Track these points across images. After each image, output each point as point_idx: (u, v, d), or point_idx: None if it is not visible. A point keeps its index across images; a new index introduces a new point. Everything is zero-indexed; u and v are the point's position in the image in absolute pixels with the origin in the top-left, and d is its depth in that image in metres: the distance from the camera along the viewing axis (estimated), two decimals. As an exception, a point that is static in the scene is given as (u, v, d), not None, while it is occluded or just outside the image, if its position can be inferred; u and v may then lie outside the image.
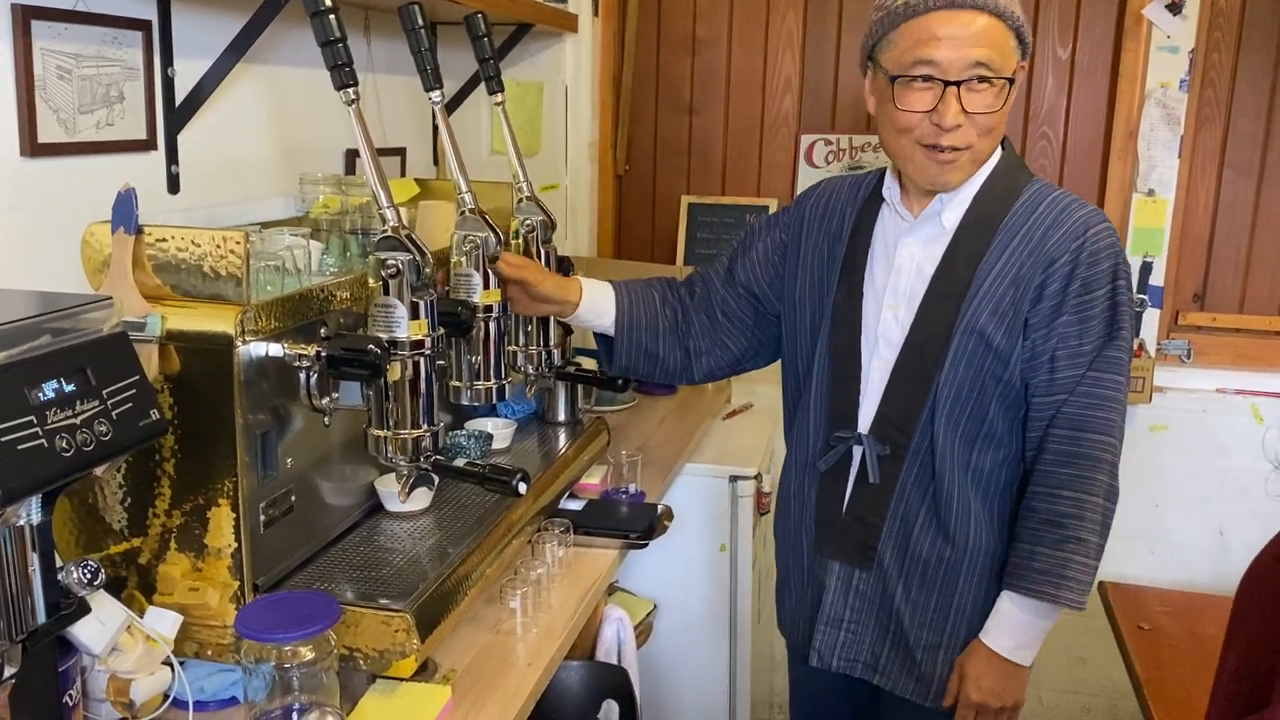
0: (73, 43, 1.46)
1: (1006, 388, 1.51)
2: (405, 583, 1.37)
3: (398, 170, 2.36)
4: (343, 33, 1.31)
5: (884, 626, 1.59)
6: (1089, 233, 1.48)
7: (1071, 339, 1.48)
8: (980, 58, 1.43)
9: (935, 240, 1.55)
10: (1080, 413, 1.48)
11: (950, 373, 1.51)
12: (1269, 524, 2.75)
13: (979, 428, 1.53)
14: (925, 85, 1.45)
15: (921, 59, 1.44)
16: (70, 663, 1.13)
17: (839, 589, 1.61)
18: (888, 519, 1.56)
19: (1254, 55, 2.67)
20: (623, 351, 1.76)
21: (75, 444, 0.94)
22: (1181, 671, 1.96)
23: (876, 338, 1.57)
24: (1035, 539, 1.49)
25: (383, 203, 1.34)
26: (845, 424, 1.59)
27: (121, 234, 1.24)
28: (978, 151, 1.50)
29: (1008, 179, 1.55)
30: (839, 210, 1.67)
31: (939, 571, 1.56)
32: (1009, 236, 1.51)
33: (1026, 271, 1.49)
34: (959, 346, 1.51)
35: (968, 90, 1.44)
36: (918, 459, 1.54)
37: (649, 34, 3.06)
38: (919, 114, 1.46)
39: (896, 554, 1.56)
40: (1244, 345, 2.79)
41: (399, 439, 1.38)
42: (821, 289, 1.65)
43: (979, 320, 1.50)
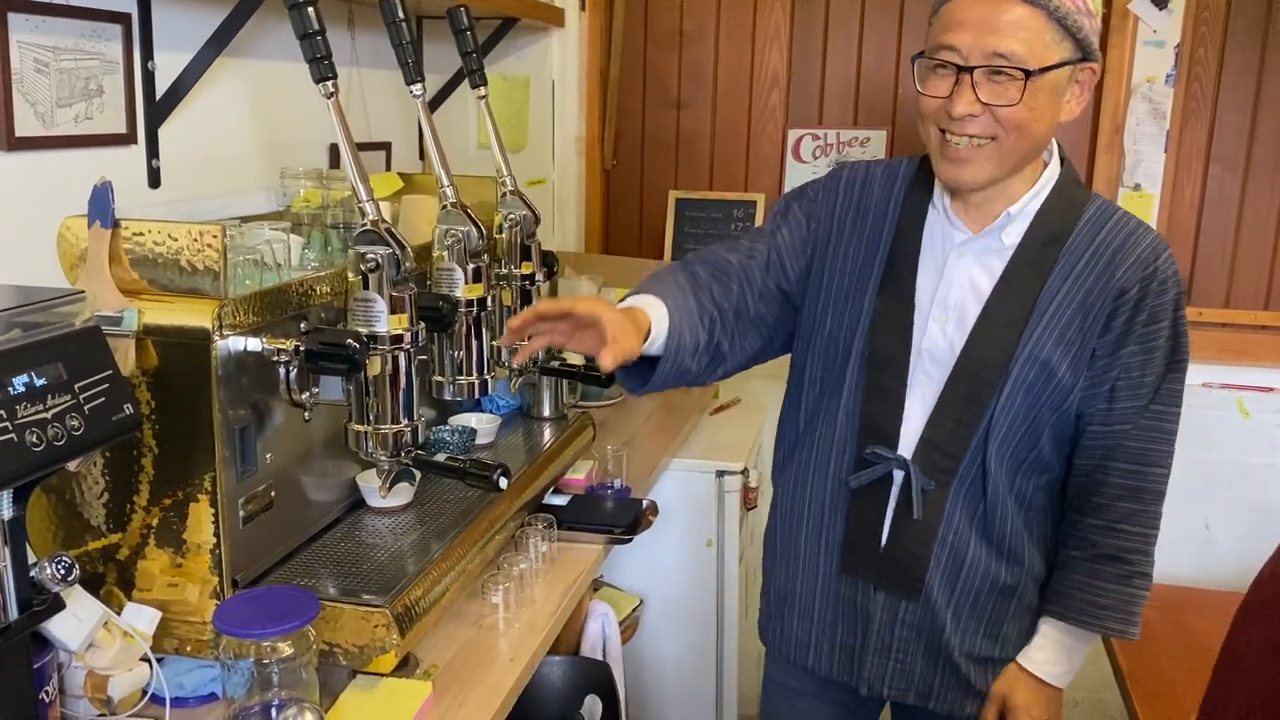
0: (50, 35, 1.45)
1: (1062, 417, 1.44)
2: (386, 578, 1.37)
3: (383, 165, 2.35)
4: (321, 25, 1.30)
5: (933, 655, 1.52)
6: (1158, 261, 1.42)
7: (1135, 370, 1.42)
8: (1001, 48, 1.32)
9: (993, 254, 1.45)
10: (1144, 446, 1.43)
11: (1008, 401, 1.42)
12: (1254, 518, 2.76)
13: (1027, 454, 1.45)
14: (944, 71, 1.37)
15: (944, 43, 1.36)
16: (46, 659, 1.12)
17: (884, 620, 1.52)
18: (935, 549, 1.47)
19: (1239, 50, 2.67)
20: (663, 377, 1.46)
21: (46, 438, 0.93)
22: (1165, 664, 1.96)
23: (921, 352, 1.47)
24: (1096, 573, 1.45)
25: (362, 196, 1.33)
26: (882, 440, 1.48)
27: (98, 228, 1.24)
28: (1006, 149, 1.37)
29: (1070, 196, 1.46)
30: (875, 203, 1.55)
31: (990, 599, 1.50)
32: (1073, 260, 1.42)
33: (1095, 300, 1.41)
34: (1019, 375, 1.42)
35: (986, 80, 1.34)
36: (964, 486, 1.46)
37: (636, 28, 3.06)
38: (937, 100, 1.38)
39: (946, 584, 1.48)
40: (1230, 340, 2.79)
41: (379, 434, 1.37)
42: (859, 290, 1.52)
43: (1043, 349, 1.41)
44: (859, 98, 2.97)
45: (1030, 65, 1.33)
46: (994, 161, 1.38)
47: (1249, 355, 2.77)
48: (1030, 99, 1.34)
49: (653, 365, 1.43)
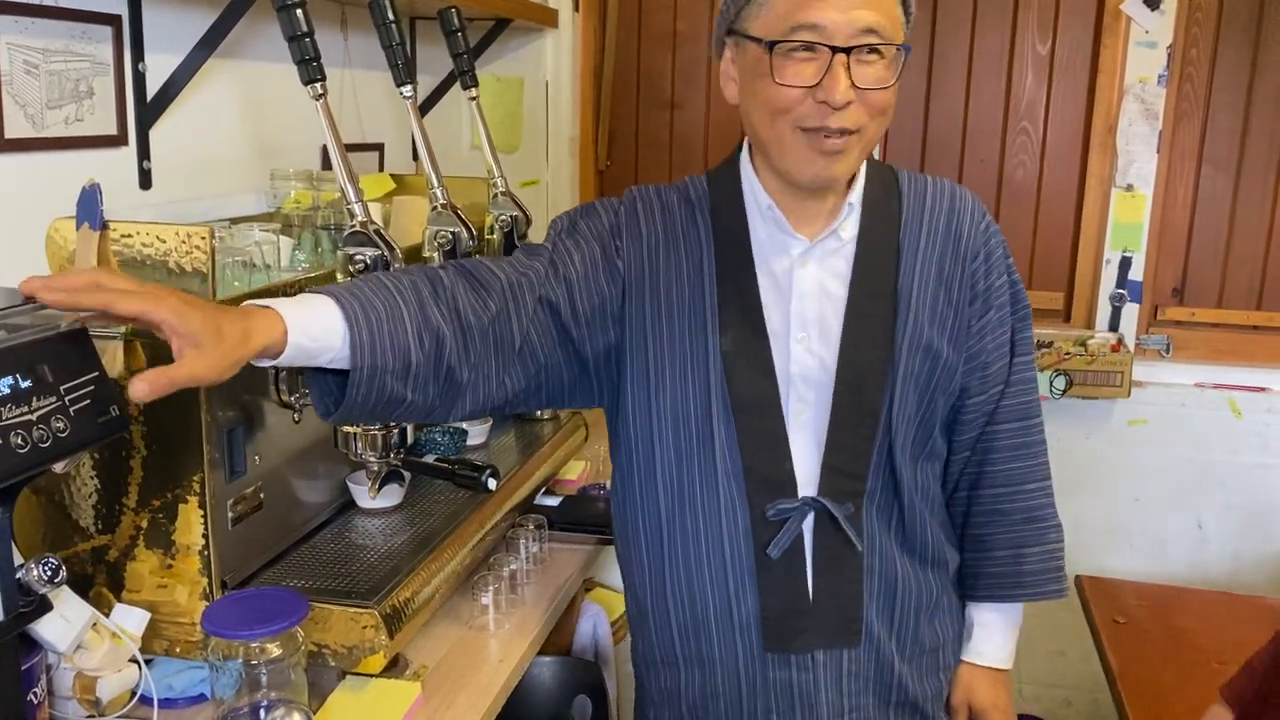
0: (40, 37, 1.45)
1: (949, 398, 1.36)
2: (375, 579, 1.37)
3: (376, 166, 2.36)
4: (310, 27, 1.31)
5: (885, 699, 1.37)
6: (987, 216, 1.37)
7: (996, 330, 1.36)
8: (870, 22, 1.18)
9: (834, 254, 1.32)
10: (1019, 402, 1.38)
11: (901, 398, 1.31)
12: (1246, 517, 2.77)
13: (924, 449, 1.36)
14: (808, 55, 1.18)
15: (802, 22, 1.18)
16: (35, 660, 1.12)
17: (830, 681, 1.34)
18: (864, 579, 1.33)
19: (1232, 50, 2.68)
20: (358, 402, 1.10)
21: (31, 440, 0.94)
22: (1155, 664, 1.97)
23: (791, 379, 1.31)
24: (1016, 541, 1.40)
25: (351, 198, 1.34)
26: (778, 493, 1.30)
27: (86, 229, 1.24)
28: (869, 137, 1.24)
29: (879, 172, 1.36)
30: (684, 233, 1.34)
31: (924, 612, 1.39)
32: (914, 236, 1.33)
33: (949, 269, 1.33)
34: (906, 367, 1.31)
35: (857, 61, 1.18)
36: (874, 502, 1.33)
37: (630, 29, 3.06)
38: (800, 89, 1.19)
39: (884, 615, 1.35)
40: (1222, 339, 2.80)
41: (369, 435, 1.38)
42: (696, 335, 1.31)
43: (921, 333, 1.31)
44: (852, 98, 2.97)
45: (897, 39, 1.21)
46: (857, 153, 1.25)
47: (1241, 355, 2.77)
48: (896, 77, 1.21)
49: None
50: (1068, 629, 2.77)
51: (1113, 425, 2.80)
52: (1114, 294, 2.77)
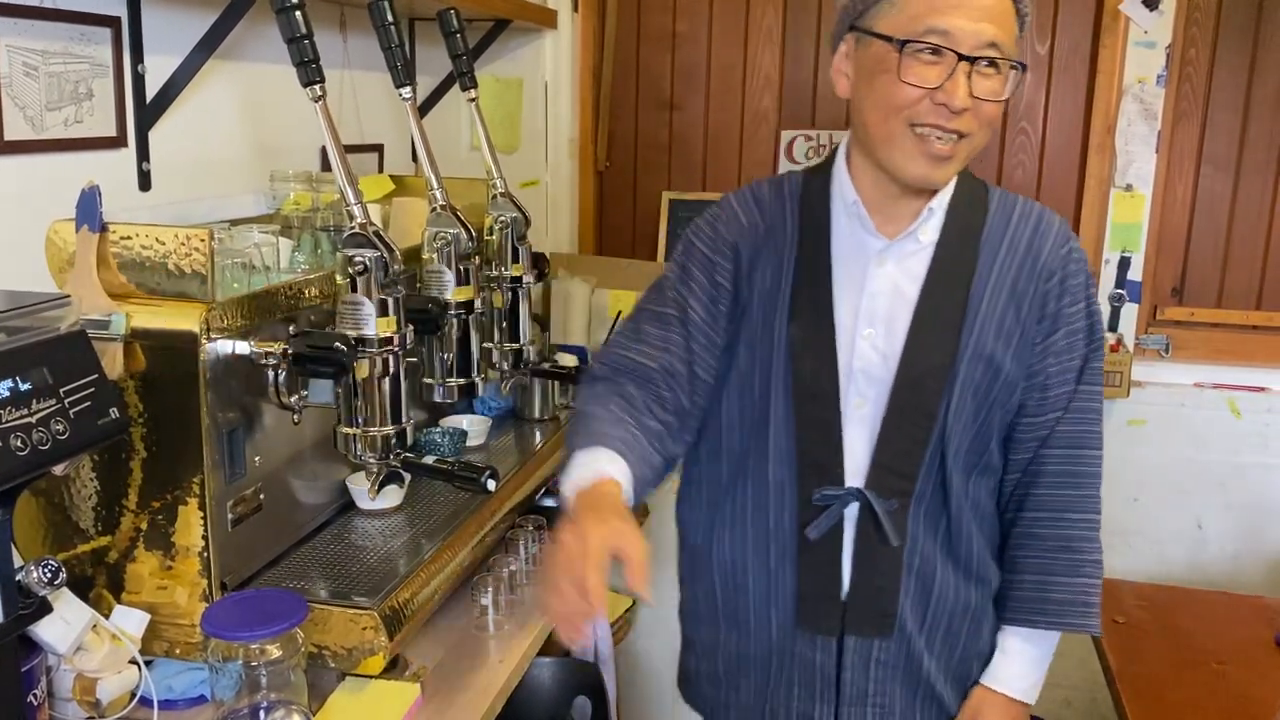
0: (39, 39, 1.45)
1: (1006, 413, 1.38)
2: (375, 580, 1.37)
3: (375, 167, 2.36)
4: (309, 29, 1.31)
5: (912, 690, 1.42)
6: (1071, 241, 1.39)
7: (1063, 354, 1.38)
8: (994, 37, 1.23)
9: (912, 256, 1.36)
10: (1077, 430, 1.38)
11: (959, 405, 1.34)
12: (1246, 518, 2.76)
13: (979, 460, 1.39)
14: (933, 59, 1.23)
15: (934, 26, 1.23)
16: (35, 662, 1.12)
17: (857, 665, 1.39)
18: (904, 577, 1.37)
19: (1230, 50, 2.68)
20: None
21: (31, 443, 0.94)
22: (1154, 665, 1.96)
23: (854, 374, 1.35)
24: (1045, 568, 1.39)
25: (350, 199, 1.34)
26: (826, 479, 1.35)
27: (85, 232, 1.24)
28: (975, 146, 1.29)
29: (970, 185, 1.40)
30: (774, 222, 1.41)
31: (965, 619, 1.42)
32: (993, 250, 1.36)
33: (1024, 285, 1.36)
34: (966, 375, 1.34)
35: (977, 71, 1.24)
36: (922, 504, 1.37)
37: (629, 29, 3.06)
38: (921, 90, 1.24)
39: (917, 612, 1.39)
40: (1222, 339, 2.80)
41: (368, 436, 1.38)
42: (769, 318, 1.38)
43: (985, 344, 1.34)
44: (851, 99, 2.97)
45: (1015, 56, 1.27)
46: (961, 159, 1.30)
47: (1241, 355, 2.77)
48: (1011, 92, 1.28)
49: None
50: (1067, 629, 2.78)
51: (1112, 425, 2.79)
52: (1113, 294, 2.77)
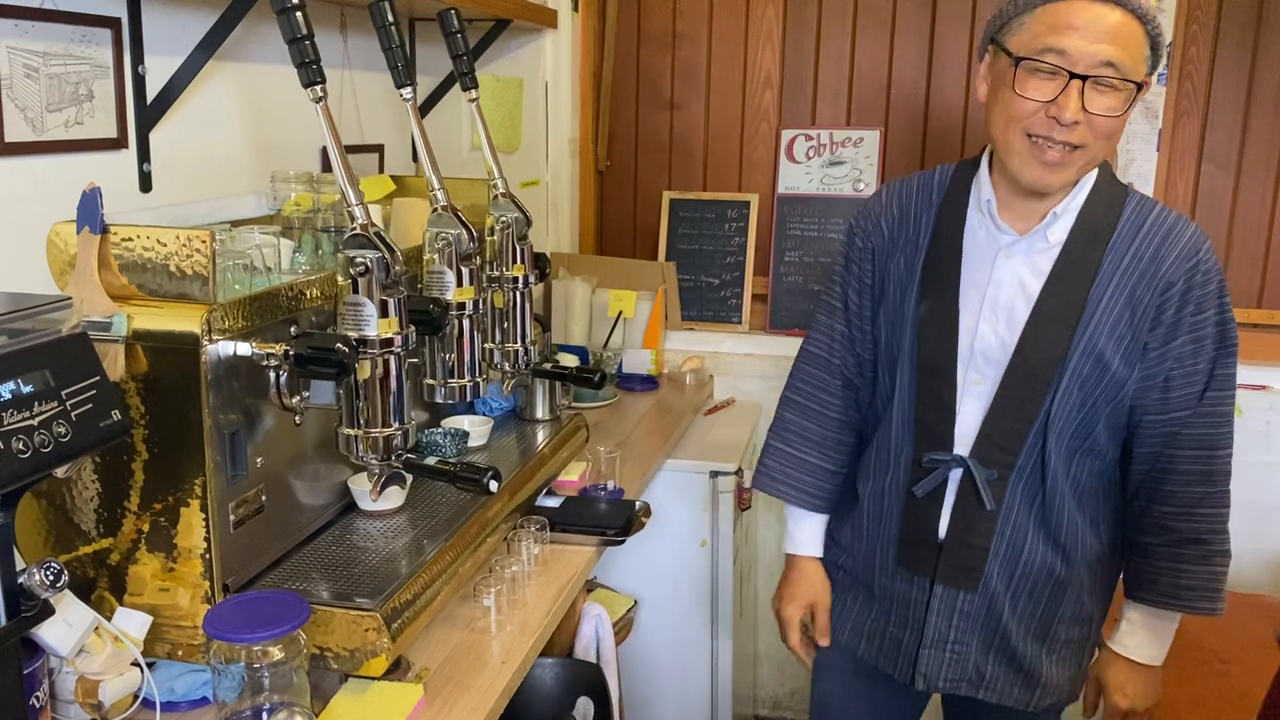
0: (40, 40, 1.45)
1: (1117, 408, 1.50)
2: (377, 581, 1.37)
3: (376, 167, 2.36)
4: (310, 30, 1.31)
5: (988, 643, 1.59)
6: (1200, 254, 1.46)
7: (1187, 359, 1.47)
8: (1111, 57, 1.36)
9: (1040, 254, 1.50)
10: (1208, 432, 1.49)
11: (1065, 395, 1.48)
12: (1249, 516, 2.76)
13: (1083, 443, 1.52)
14: (1050, 75, 1.38)
15: (1052, 46, 1.37)
16: (37, 664, 1.12)
17: (942, 612, 1.58)
18: (994, 540, 1.53)
19: (1231, 48, 2.68)
20: None
21: (33, 445, 0.93)
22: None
23: (974, 353, 1.52)
24: (1178, 557, 1.51)
25: (351, 200, 1.33)
26: (938, 445, 1.54)
27: (87, 233, 1.24)
28: (1091, 156, 1.43)
29: (1109, 192, 1.50)
30: (915, 215, 1.60)
31: (1048, 585, 1.56)
32: (1119, 255, 1.47)
33: (1141, 293, 1.46)
34: (1075, 368, 1.47)
35: (1092, 88, 1.37)
36: (1023, 478, 1.52)
37: (629, 29, 3.06)
38: (1036, 103, 1.39)
39: (1004, 573, 1.55)
40: (1223, 338, 2.79)
41: (370, 437, 1.37)
42: (904, 296, 1.58)
43: (1097, 343, 1.46)
44: (852, 98, 2.97)
45: (1135, 76, 1.37)
46: (1078, 167, 1.43)
47: (1243, 353, 2.69)
48: (1126, 108, 1.39)
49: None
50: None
51: (1114, 424, 2.80)
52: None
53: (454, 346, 1.64)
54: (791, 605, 1.73)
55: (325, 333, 1.38)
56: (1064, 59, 1.36)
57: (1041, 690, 1.61)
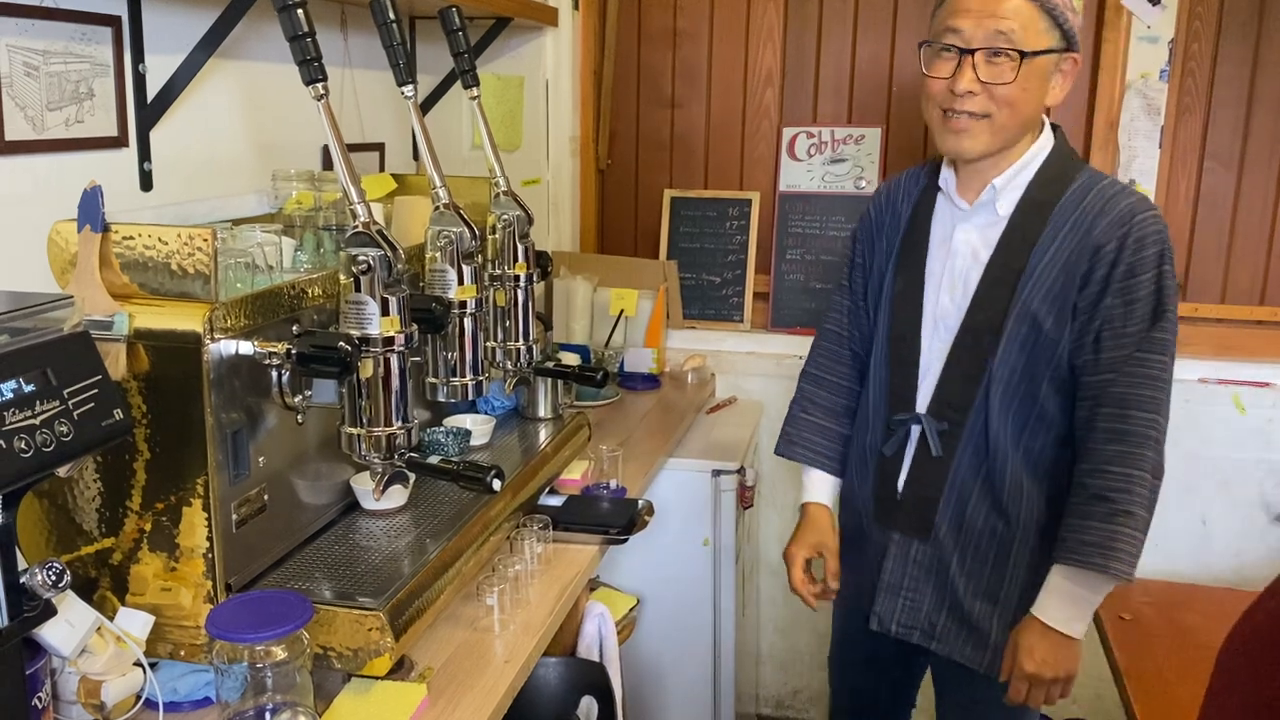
0: (40, 39, 1.44)
1: (1057, 370, 1.59)
2: (380, 581, 1.36)
3: (376, 165, 2.35)
4: (311, 27, 1.30)
5: (940, 595, 1.69)
6: (1135, 219, 1.55)
7: (1116, 320, 1.54)
8: (1000, 28, 1.53)
9: (991, 226, 1.64)
10: (1127, 391, 1.53)
11: (1004, 354, 1.59)
12: (1250, 514, 2.76)
13: (1031, 408, 1.60)
14: (948, 54, 1.57)
15: (949, 27, 1.56)
16: (39, 665, 1.12)
17: (897, 557, 1.71)
18: (945, 492, 1.65)
19: (1233, 44, 2.67)
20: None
21: (35, 445, 0.93)
22: (1161, 661, 1.96)
23: (935, 321, 1.67)
24: (1085, 514, 1.54)
25: (353, 198, 1.33)
26: (904, 407, 1.69)
27: (88, 232, 1.23)
28: (998, 124, 1.57)
29: (1061, 167, 1.63)
30: (898, 202, 1.78)
31: (992, 544, 1.65)
32: (1060, 223, 1.59)
33: (1074, 259, 1.57)
34: (1013, 329, 1.59)
35: (985, 61, 1.54)
36: (973, 438, 1.63)
37: (629, 27, 3.05)
38: (941, 80, 1.58)
39: (952, 527, 1.66)
40: (1226, 335, 2.79)
41: (372, 436, 1.37)
42: (882, 275, 1.76)
43: (1032, 304, 1.58)
44: (853, 95, 2.97)
45: (1025, 47, 1.53)
46: (988, 134, 1.58)
47: (1245, 350, 2.77)
48: (1023, 79, 1.54)
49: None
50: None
51: (1116, 421, 2.79)
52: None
53: (456, 345, 1.63)
54: (795, 546, 1.82)
55: (327, 331, 1.38)
56: (958, 38, 1.55)
57: (991, 653, 1.67)
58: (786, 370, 2.93)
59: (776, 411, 2.92)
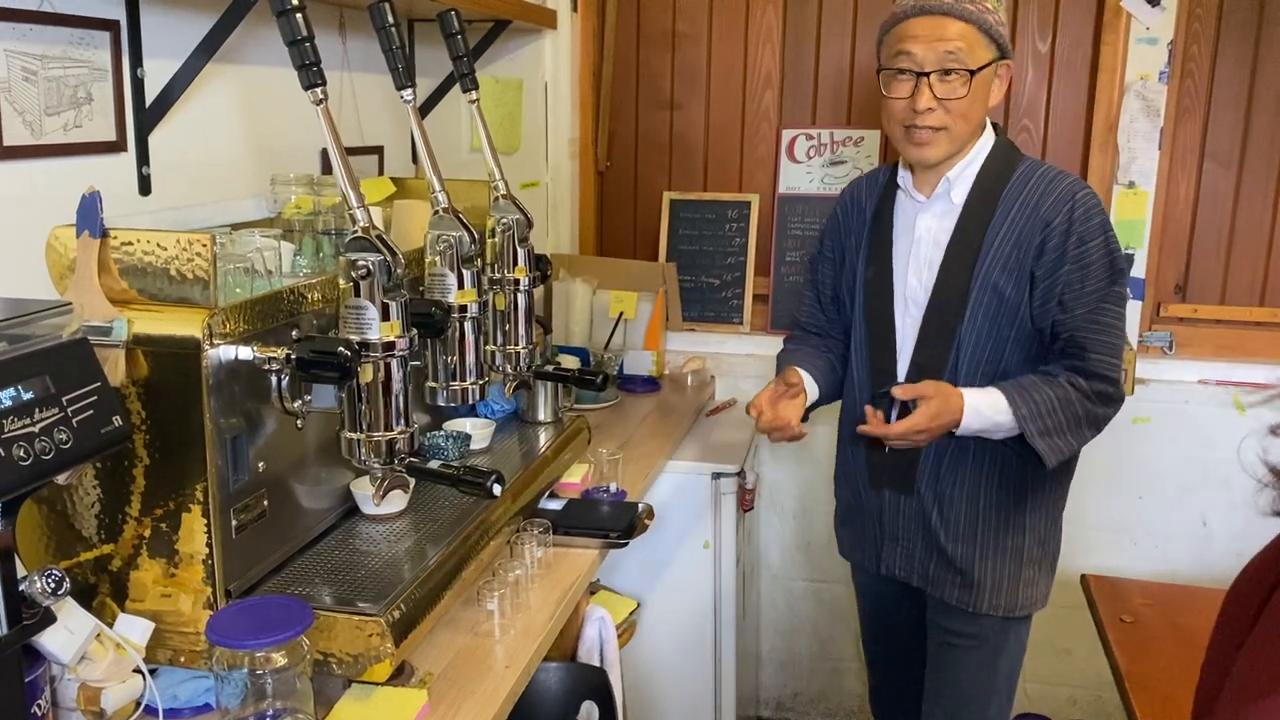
0: (38, 44, 1.44)
1: (1019, 330, 1.81)
2: (380, 586, 1.36)
3: (375, 169, 2.35)
4: (310, 31, 1.30)
5: (928, 543, 1.91)
6: (1077, 196, 1.78)
7: (1075, 283, 1.76)
8: (950, 49, 1.74)
9: (947, 214, 1.85)
10: (1086, 336, 1.76)
11: (969, 323, 1.81)
12: (1251, 515, 2.75)
13: (996, 368, 1.82)
14: (904, 77, 1.78)
15: (901, 51, 1.77)
16: (39, 672, 1.12)
17: (891, 512, 1.94)
18: (922, 453, 1.86)
19: (1232, 46, 2.67)
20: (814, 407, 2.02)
21: (34, 452, 0.93)
22: (1162, 663, 1.96)
23: (906, 301, 1.88)
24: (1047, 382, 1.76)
25: (353, 203, 1.33)
26: (886, 379, 1.88)
27: (86, 237, 1.23)
28: (954, 133, 1.80)
29: (1004, 158, 1.86)
30: (862, 201, 2.00)
31: (962, 493, 1.87)
32: (1009, 205, 1.81)
33: (1026, 233, 1.79)
34: (975, 300, 1.80)
35: (939, 80, 1.76)
36: None
37: (628, 29, 3.05)
38: (901, 100, 1.79)
39: (930, 482, 1.89)
40: (1225, 336, 2.79)
41: (372, 441, 1.36)
42: (854, 265, 1.97)
43: (992, 276, 1.80)
44: (852, 97, 2.96)
45: (972, 65, 1.76)
46: (947, 142, 1.81)
47: (1244, 351, 2.77)
48: (973, 92, 1.77)
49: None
50: (1073, 628, 2.77)
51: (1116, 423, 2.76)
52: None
53: (456, 349, 1.63)
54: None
55: (327, 336, 1.37)
56: (911, 61, 1.76)
57: (977, 592, 1.89)
58: (786, 372, 2.93)
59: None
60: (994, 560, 1.89)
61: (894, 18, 1.81)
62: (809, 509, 3.01)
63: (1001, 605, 1.90)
